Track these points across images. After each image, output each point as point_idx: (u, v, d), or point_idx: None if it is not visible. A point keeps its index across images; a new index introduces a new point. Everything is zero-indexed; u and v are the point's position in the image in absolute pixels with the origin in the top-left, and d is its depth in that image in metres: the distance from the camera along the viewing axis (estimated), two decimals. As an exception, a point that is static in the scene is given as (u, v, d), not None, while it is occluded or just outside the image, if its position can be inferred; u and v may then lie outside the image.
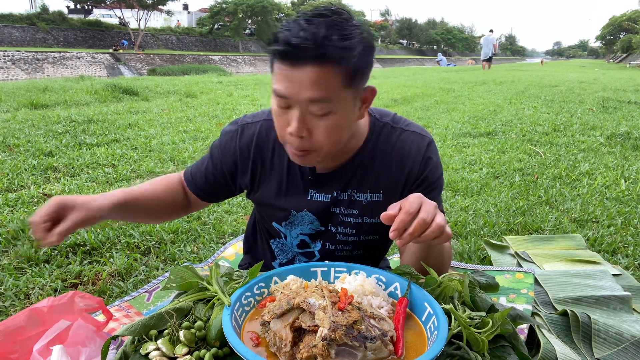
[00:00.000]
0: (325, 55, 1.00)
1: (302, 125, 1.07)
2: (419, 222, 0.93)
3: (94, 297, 1.20)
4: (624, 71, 24.71)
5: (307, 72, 1.01)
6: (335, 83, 1.03)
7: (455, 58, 73.26)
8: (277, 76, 1.05)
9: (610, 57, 68.36)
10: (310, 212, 1.32)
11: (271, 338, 0.88)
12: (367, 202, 1.29)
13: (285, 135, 1.12)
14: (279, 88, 1.05)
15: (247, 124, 1.33)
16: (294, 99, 1.04)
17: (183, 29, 48.81)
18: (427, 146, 1.28)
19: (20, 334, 1.11)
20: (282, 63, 1.03)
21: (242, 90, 10.67)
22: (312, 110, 1.06)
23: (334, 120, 1.08)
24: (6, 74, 23.45)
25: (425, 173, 1.28)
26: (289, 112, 1.08)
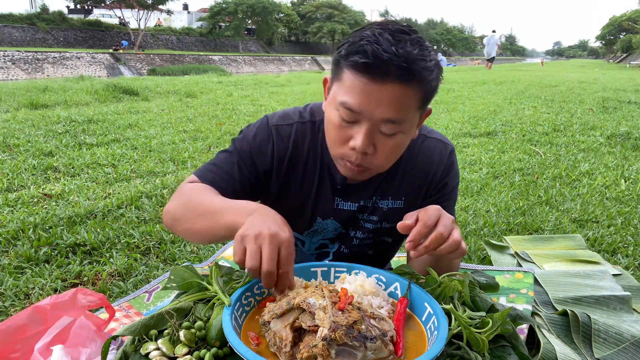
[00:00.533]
0: (414, 75, 0.97)
1: (369, 142, 1.03)
2: (436, 236, 0.93)
3: (96, 294, 1.20)
4: (624, 71, 24.71)
5: (391, 89, 0.97)
6: (412, 104, 1.02)
7: (455, 58, 73.29)
8: (351, 89, 0.99)
9: (610, 57, 68.37)
10: (336, 220, 1.30)
11: (271, 338, 0.88)
12: (387, 208, 1.29)
13: (343, 149, 1.07)
14: (352, 102, 0.99)
15: (280, 126, 1.24)
16: (367, 115, 1.00)
17: (183, 29, 48.79)
18: (450, 154, 1.29)
19: (22, 333, 1.12)
20: (362, 76, 0.98)
21: (242, 90, 10.67)
22: (382, 129, 1.02)
23: (399, 140, 1.06)
24: (6, 74, 23.45)
25: (446, 180, 1.28)
26: (354, 126, 1.03)
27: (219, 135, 5.39)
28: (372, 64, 0.95)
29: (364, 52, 0.96)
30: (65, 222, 2.72)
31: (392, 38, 0.96)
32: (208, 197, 1.14)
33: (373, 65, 0.96)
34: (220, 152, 1.28)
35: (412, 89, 0.99)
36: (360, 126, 1.02)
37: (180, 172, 3.88)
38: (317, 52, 59.82)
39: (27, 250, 2.34)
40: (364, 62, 0.96)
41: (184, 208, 1.15)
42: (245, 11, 47.20)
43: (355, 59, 0.97)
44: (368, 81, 0.97)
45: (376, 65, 0.95)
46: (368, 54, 0.95)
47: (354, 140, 1.03)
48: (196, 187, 1.19)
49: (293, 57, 45.94)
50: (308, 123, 1.25)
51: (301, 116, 1.26)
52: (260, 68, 38.15)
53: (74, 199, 3.13)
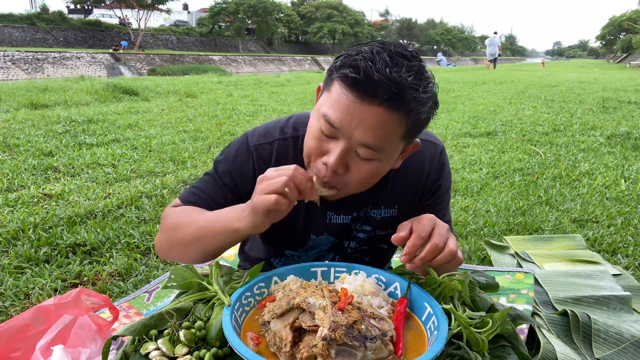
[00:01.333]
0: (402, 103, 0.92)
1: (342, 162, 0.99)
2: (431, 248, 0.92)
3: (100, 295, 1.20)
4: (624, 71, 24.71)
5: (375, 112, 0.92)
6: (396, 133, 0.97)
7: (455, 58, 73.29)
8: (336, 102, 0.95)
9: (610, 57, 68.37)
10: (330, 235, 1.27)
11: (271, 338, 0.88)
12: (380, 218, 1.27)
13: (317, 163, 1.03)
14: (333, 116, 0.95)
15: (260, 145, 1.19)
16: (346, 134, 0.96)
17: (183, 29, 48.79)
18: (440, 154, 1.26)
19: (24, 332, 1.12)
20: (349, 92, 0.93)
21: (242, 90, 10.67)
22: (358, 151, 0.98)
23: (375, 167, 1.02)
24: (6, 74, 23.45)
25: (439, 182, 1.26)
26: (331, 142, 0.99)
27: (219, 135, 5.39)
28: (361, 81, 0.91)
29: (356, 67, 0.92)
30: (65, 222, 2.72)
31: (389, 59, 0.91)
32: (197, 214, 1.14)
33: (362, 83, 0.91)
34: (204, 175, 1.26)
35: (398, 117, 0.94)
36: (337, 143, 0.98)
37: (180, 172, 3.88)
38: (317, 52, 59.82)
39: (27, 250, 2.34)
40: (353, 78, 0.92)
41: (173, 231, 1.14)
42: (246, 11, 47.22)
43: (345, 72, 0.93)
44: (354, 98, 0.93)
45: (365, 83, 0.91)
46: (359, 69, 0.91)
47: (328, 156, 0.99)
48: (181, 210, 1.18)
49: (293, 57, 45.95)
50: (290, 139, 1.20)
51: (282, 132, 1.21)
52: (260, 68, 38.14)
53: (74, 199, 3.13)
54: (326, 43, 63.66)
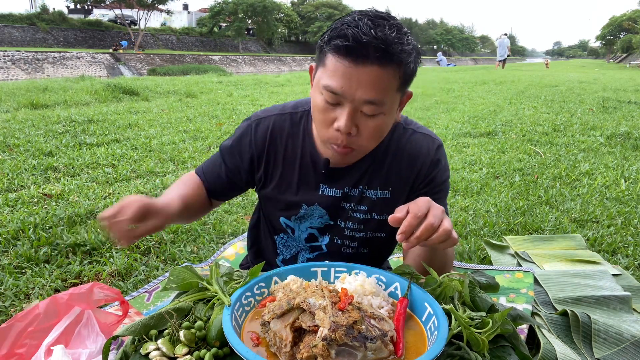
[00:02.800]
0: (392, 57, 1.02)
1: (352, 123, 1.08)
2: (426, 226, 0.95)
3: (112, 289, 1.22)
4: (624, 71, 24.71)
5: (370, 71, 1.02)
6: (392, 85, 1.06)
7: (455, 58, 73.28)
8: (333, 72, 1.04)
9: (610, 57, 68.36)
10: (321, 206, 1.33)
11: (271, 338, 0.88)
12: (376, 198, 1.31)
13: (329, 132, 1.12)
14: (334, 84, 1.04)
15: (261, 119, 1.34)
16: (349, 97, 1.05)
17: (183, 29, 48.80)
18: (437, 149, 1.31)
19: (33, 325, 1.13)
20: (343, 59, 1.02)
21: (242, 90, 10.67)
22: (363, 110, 1.07)
23: (382, 121, 1.11)
24: (6, 74, 23.45)
25: (433, 174, 1.30)
26: (337, 108, 1.08)
27: (219, 135, 5.39)
28: (352, 47, 1.00)
29: (345, 35, 1.01)
30: (65, 222, 2.72)
31: (371, 23, 1.01)
32: (171, 187, 1.33)
33: (353, 48, 1.00)
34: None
35: (391, 71, 1.03)
36: (343, 108, 1.07)
37: (180, 172, 3.88)
38: (317, 52, 59.65)
39: (27, 250, 2.34)
40: (344, 45, 1.01)
41: None
42: (245, 11, 47.21)
43: (336, 43, 1.02)
44: (349, 64, 1.02)
45: (356, 48, 1.00)
46: (348, 37, 1.00)
47: (338, 121, 1.08)
48: (181, 178, 1.39)
49: (293, 57, 45.94)
50: (287, 115, 1.33)
51: (282, 109, 1.34)
52: (260, 68, 38.14)
53: (74, 199, 3.13)
54: (326, 43, 63.46)
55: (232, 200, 3.18)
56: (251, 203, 3.20)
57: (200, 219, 1.77)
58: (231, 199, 3.20)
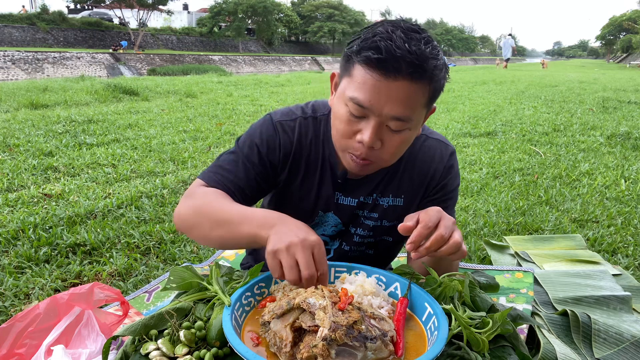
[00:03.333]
0: (424, 73, 0.99)
1: (377, 137, 1.04)
2: (437, 238, 0.94)
3: (113, 289, 1.22)
4: (624, 71, 24.71)
5: (401, 86, 0.99)
6: (420, 102, 1.03)
7: (455, 58, 73.30)
8: (362, 84, 1.00)
9: (610, 57, 68.35)
10: (336, 214, 1.31)
11: (271, 338, 0.88)
12: (387, 206, 1.30)
13: (350, 142, 1.08)
14: (362, 97, 1.01)
15: (284, 122, 1.26)
16: (376, 112, 1.01)
17: (183, 29, 48.80)
18: (450, 155, 1.30)
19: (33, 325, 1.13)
20: (374, 72, 0.99)
21: (242, 90, 10.67)
22: (389, 125, 1.04)
23: (406, 136, 1.08)
24: (6, 74, 23.44)
25: (446, 181, 1.29)
26: (362, 121, 1.04)
27: (219, 135, 5.39)
28: (385, 59, 0.97)
29: (377, 48, 0.97)
30: (65, 222, 2.72)
31: (404, 35, 0.98)
32: (223, 204, 1.13)
33: (385, 61, 0.97)
34: (223, 154, 1.28)
35: (422, 87, 1.01)
36: (368, 121, 1.04)
37: (180, 172, 3.88)
38: (317, 52, 59.81)
39: (27, 250, 2.34)
40: (376, 58, 0.97)
41: (198, 215, 1.14)
42: (245, 11, 47.19)
43: (368, 55, 0.98)
44: (380, 77, 0.98)
45: (389, 61, 0.97)
46: (381, 50, 0.96)
47: (362, 134, 1.05)
48: (209, 193, 1.18)
49: (293, 57, 45.92)
50: (310, 118, 1.27)
51: (303, 112, 1.28)
52: (260, 68, 38.12)
53: (74, 199, 3.13)
54: (326, 43, 63.66)
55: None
56: (251, 203, 3.19)
57: None
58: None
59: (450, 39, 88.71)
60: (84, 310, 1.17)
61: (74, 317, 1.15)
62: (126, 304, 1.24)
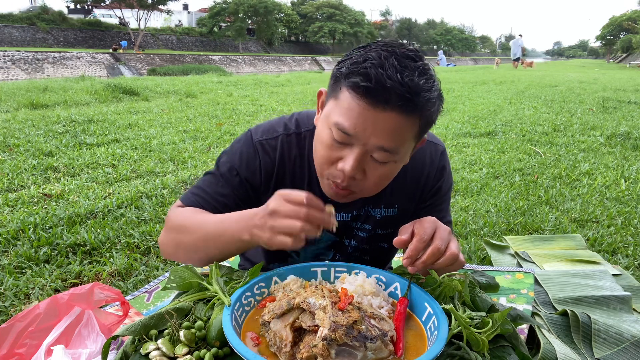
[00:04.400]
0: (415, 107, 0.93)
1: (359, 168, 0.98)
2: (433, 251, 0.92)
3: (113, 289, 1.22)
4: (624, 71, 24.71)
5: (389, 118, 0.93)
6: (409, 134, 0.98)
7: (455, 58, 73.27)
8: (348, 110, 0.94)
9: (610, 57, 68.34)
10: (330, 232, 1.26)
11: (271, 338, 0.88)
12: (381, 217, 1.27)
13: (331, 169, 1.02)
14: (347, 125, 0.95)
15: (264, 141, 1.19)
16: (362, 140, 0.95)
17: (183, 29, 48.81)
18: (441, 155, 1.27)
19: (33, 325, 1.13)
20: (361, 99, 0.93)
21: (242, 90, 10.67)
22: (374, 155, 0.98)
23: (391, 168, 1.03)
24: (6, 74, 23.44)
25: (440, 183, 1.26)
26: (345, 148, 0.98)
27: (219, 135, 5.39)
28: (374, 89, 0.91)
29: (367, 75, 0.91)
30: (65, 222, 2.72)
31: (397, 64, 0.91)
32: (201, 219, 1.11)
33: (374, 91, 0.91)
34: (204, 175, 1.25)
35: (412, 120, 0.95)
36: (352, 149, 0.98)
37: (180, 172, 3.88)
38: (317, 52, 59.80)
39: (27, 250, 2.34)
40: (365, 86, 0.91)
41: (181, 235, 1.13)
42: (246, 11, 47.20)
43: (356, 81, 0.92)
44: (367, 106, 0.92)
45: (378, 91, 0.91)
46: (371, 78, 0.90)
47: (343, 162, 0.99)
48: (185, 212, 1.15)
49: (293, 57, 45.93)
50: (293, 135, 1.21)
51: (286, 128, 1.21)
52: (260, 68, 38.13)
53: (74, 199, 3.13)
54: (326, 43, 63.67)
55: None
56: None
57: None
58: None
59: (450, 39, 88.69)
60: (84, 310, 1.18)
61: (74, 317, 1.15)
62: (126, 304, 1.24)
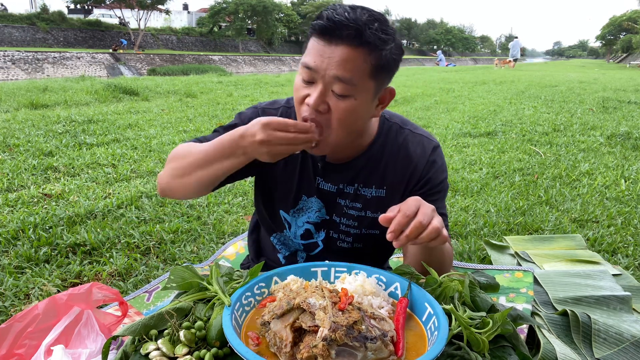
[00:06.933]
0: (361, 38, 1.06)
1: (321, 100, 1.11)
2: (415, 225, 0.96)
3: (111, 289, 1.22)
4: (624, 71, 24.71)
5: (341, 50, 1.07)
6: (363, 68, 1.09)
7: (455, 58, 73.29)
8: (310, 50, 1.11)
9: (610, 57, 68.34)
10: (320, 199, 1.35)
11: (271, 338, 0.88)
12: (371, 196, 1.33)
13: (302, 108, 1.15)
14: (309, 61, 1.11)
15: (267, 109, 1.37)
16: (321, 73, 1.09)
17: (183, 29, 48.82)
18: (433, 150, 1.32)
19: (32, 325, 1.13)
20: (319, 38, 1.09)
21: (242, 90, 10.67)
22: (334, 89, 1.10)
23: (352, 105, 1.12)
24: (6, 74, 23.45)
25: (429, 175, 1.31)
26: (312, 87, 1.13)
27: (219, 135, 5.38)
28: (326, 26, 1.07)
29: (321, 16, 1.09)
30: (65, 222, 2.72)
31: (348, 7, 1.08)
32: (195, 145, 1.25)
33: (327, 27, 1.07)
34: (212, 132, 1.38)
35: (362, 53, 1.07)
36: (315, 86, 1.12)
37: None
38: (317, 52, 59.61)
39: (27, 250, 2.34)
40: (320, 24, 1.08)
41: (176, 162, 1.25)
42: (246, 11, 47.21)
43: (314, 23, 1.10)
44: (324, 42, 1.08)
45: (329, 27, 1.06)
46: (323, 17, 1.08)
47: (309, 97, 1.13)
48: (181, 145, 1.30)
49: (293, 57, 45.93)
50: (292, 108, 1.34)
51: (287, 102, 1.39)
52: (260, 68, 38.12)
53: (74, 199, 3.13)
54: (326, 43, 63.45)
55: (232, 200, 3.18)
56: (251, 203, 3.20)
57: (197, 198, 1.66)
58: (230, 199, 3.20)
59: (450, 39, 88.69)
60: (83, 310, 1.17)
61: (73, 317, 1.15)
62: (125, 304, 1.24)
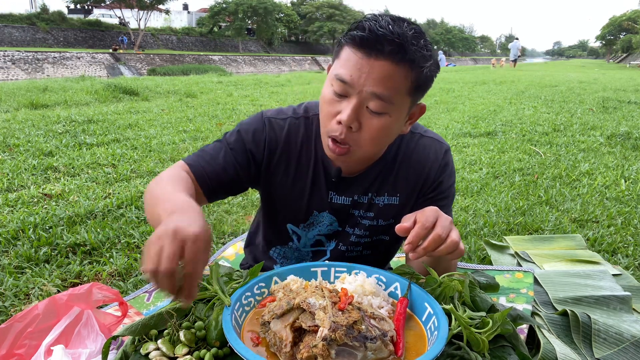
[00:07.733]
0: (405, 55, 1.01)
1: (355, 117, 1.06)
2: (434, 237, 0.94)
3: (111, 289, 1.22)
4: (624, 71, 24.71)
5: (382, 65, 1.01)
6: (402, 86, 1.04)
7: (455, 58, 73.28)
8: (346, 62, 1.04)
9: (610, 57, 68.33)
10: (331, 213, 1.31)
11: (271, 338, 0.88)
12: (383, 204, 1.30)
13: (331, 124, 1.09)
14: (344, 73, 1.04)
15: (273, 119, 1.28)
16: (357, 88, 1.04)
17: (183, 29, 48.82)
18: (445, 153, 1.30)
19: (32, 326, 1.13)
20: (357, 50, 1.03)
21: (242, 90, 10.67)
22: (369, 105, 1.05)
23: (386, 123, 1.08)
24: (6, 74, 23.44)
25: (441, 179, 1.29)
26: (343, 101, 1.07)
27: (219, 135, 5.38)
28: (368, 38, 1.00)
29: (362, 27, 1.02)
30: (65, 222, 2.72)
31: (390, 20, 1.02)
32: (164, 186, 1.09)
33: (368, 40, 1.00)
34: (213, 142, 1.31)
35: (403, 70, 1.02)
36: (349, 101, 1.06)
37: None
38: (317, 52, 59.81)
39: (27, 250, 2.34)
40: (360, 36, 1.01)
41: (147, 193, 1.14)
42: (246, 11, 47.22)
43: (353, 34, 1.03)
44: (362, 55, 1.02)
45: (371, 40, 1.00)
46: (365, 28, 1.01)
47: (341, 114, 1.06)
48: (170, 175, 1.16)
49: (293, 57, 45.93)
50: (301, 118, 1.28)
51: (295, 112, 1.30)
52: (260, 68, 38.13)
53: (74, 199, 3.13)
54: (326, 43, 63.68)
55: (232, 200, 3.18)
56: (251, 203, 3.20)
57: None
58: (230, 199, 3.20)
59: (450, 39, 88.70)
60: (83, 310, 1.17)
61: (73, 317, 1.15)
62: (124, 304, 1.24)
